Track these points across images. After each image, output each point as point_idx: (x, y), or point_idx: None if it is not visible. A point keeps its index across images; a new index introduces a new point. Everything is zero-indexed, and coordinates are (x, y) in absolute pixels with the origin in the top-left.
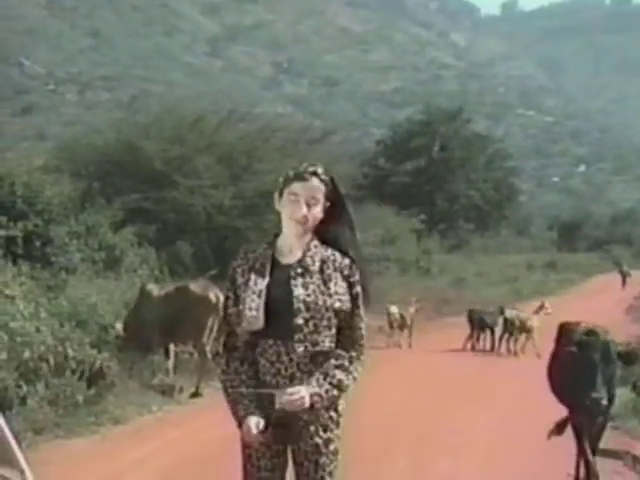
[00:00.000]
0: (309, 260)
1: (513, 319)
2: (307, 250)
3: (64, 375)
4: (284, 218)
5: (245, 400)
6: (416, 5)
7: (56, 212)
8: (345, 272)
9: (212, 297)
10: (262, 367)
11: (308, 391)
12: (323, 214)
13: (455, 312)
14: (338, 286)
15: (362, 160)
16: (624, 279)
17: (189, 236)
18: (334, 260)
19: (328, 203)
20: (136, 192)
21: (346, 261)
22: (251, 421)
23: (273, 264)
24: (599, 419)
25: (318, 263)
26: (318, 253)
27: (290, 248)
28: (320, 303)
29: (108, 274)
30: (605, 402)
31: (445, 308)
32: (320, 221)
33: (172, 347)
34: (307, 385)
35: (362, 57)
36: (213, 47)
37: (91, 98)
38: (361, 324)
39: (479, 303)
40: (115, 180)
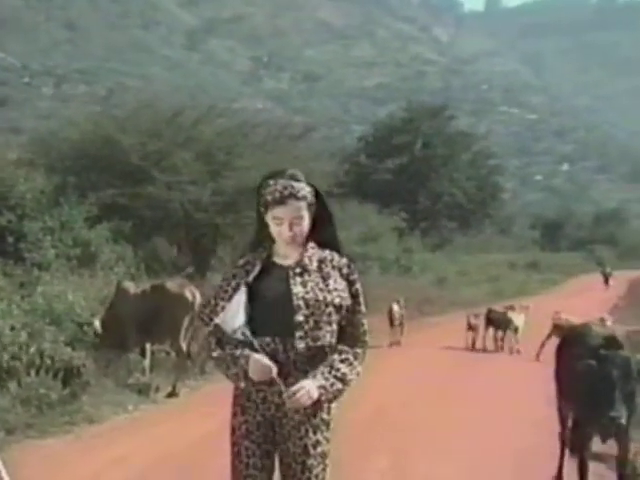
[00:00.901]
0: (307, 260)
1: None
2: (304, 252)
3: (38, 374)
4: (273, 233)
5: (245, 350)
6: None
7: (30, 207)
8: (344, 270)
9: (188, 295)
10: None
11: (314, 384)
12: (312, 219)
13: (436, 311)
14: (337, 283)
15: (343, 157)
16: (606, 279)
17: (166, 233)
18: (332, 260)
19: (314, 208)
20: (112, 187)
21: (344, 260)
22: (256, 355)
23: (271, 266)
24: (613, 437)
25: (316, 263)
26: (316, 254)
27: (286, 254)
28: (320, 299)
29: (83, 271)
30: (624, 422)
31: (426, 307)
32: (312, 226)
33: (148, 346)
34: (312, 378)
35: (343, 52)
36: (191, 40)
37: (67, 91)
38: (363, 321)
39: (460, 303)
40: (91, 175)
